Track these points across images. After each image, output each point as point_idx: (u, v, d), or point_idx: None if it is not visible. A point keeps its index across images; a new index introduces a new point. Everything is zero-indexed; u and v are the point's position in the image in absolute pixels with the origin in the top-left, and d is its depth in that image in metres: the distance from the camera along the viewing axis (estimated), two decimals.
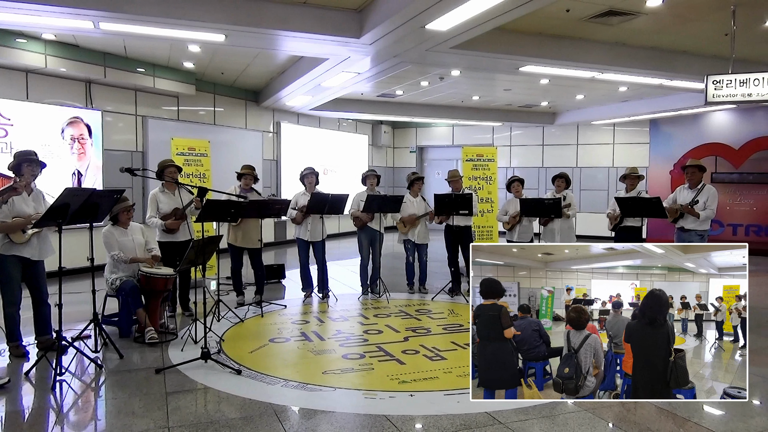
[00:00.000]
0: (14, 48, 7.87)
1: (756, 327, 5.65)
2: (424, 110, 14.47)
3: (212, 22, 6.30)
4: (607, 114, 13.81)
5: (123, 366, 4.68)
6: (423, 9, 5.73)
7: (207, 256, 5.21)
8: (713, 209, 6.18)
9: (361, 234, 7.59)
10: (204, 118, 11.62)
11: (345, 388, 4.22)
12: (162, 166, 6.02)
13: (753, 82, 6.80)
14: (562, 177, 7.46)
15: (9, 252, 4.67)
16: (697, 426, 3.55)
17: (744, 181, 12.66)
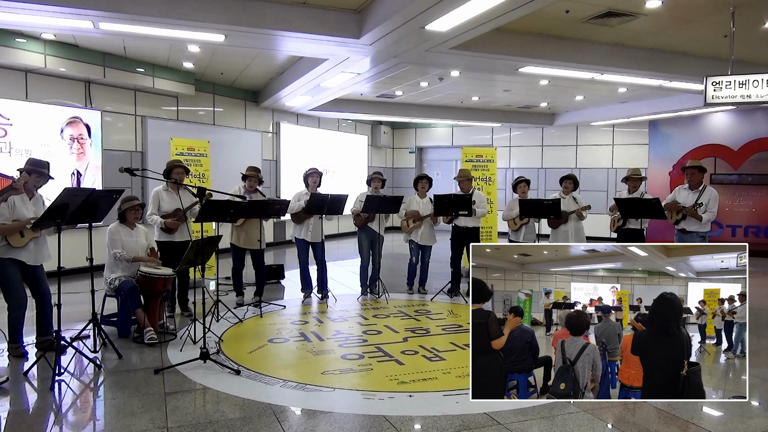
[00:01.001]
0: (14, 48, 7.87)
1: (756, 328, 5.65)
2: (423, 111, 14.47)
3: (212, 22, 6.30)
4: (606, 115, 13.82)
5: (122, 366, 4.68)
6: (422, 9, 5.73)
7: (206, 257, 5.21)
8: (714, 212, 6.20)
9: (362, 235, 7.59)
10: (203, 118, 11.62)
11: (344, 388, 4.22)
12: (170, 165, 6.05)
13: (752, 83, 6.81)
14: (570, 178, 7.42)
15: (6, 255, 4.67)
16: (696, 427, 3.55)
17: (743, 182, 12.67)
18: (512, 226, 7.61)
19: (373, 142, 17.09)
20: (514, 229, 7.60)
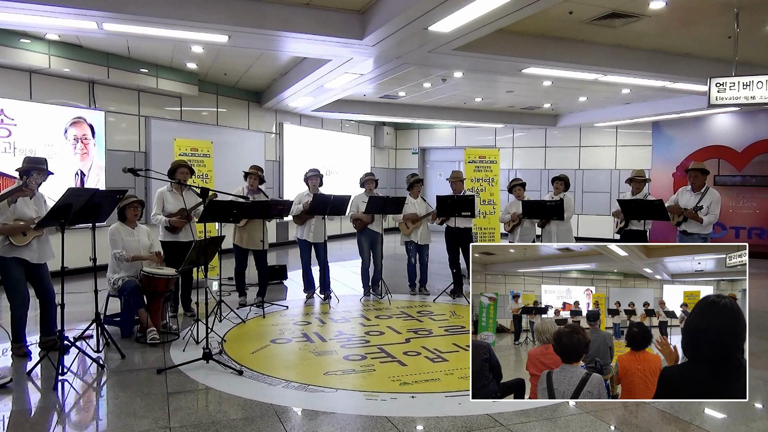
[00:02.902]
0: (18, 48, 7.90)
1: (757, 330, 5.64)
2: (426, 112, 14.46)
3: (215, 23, 6.31)
4: (609, 116, 13.80)
5: (124, 366, 4.69)
6: (426, 11, 5.73)
7: (209, 257, 5.22)
8: (716, 214, 6.19)
9: (361, 236, 7.60)
10: (207, 118, 11.64)
11: (346, 389, 4.22)
12: (175, 165, 6.07)
13: (756, 85, 6.79)
14: (561, 179, 7.46)
15: (9, 254, 4.68)
16: (699, 429, 3.54)
17: (746, 184, 12.64)
18: (506, 227, 7.75)
19: (376, 143, 17.09)
20: (508, 230, 7.72)
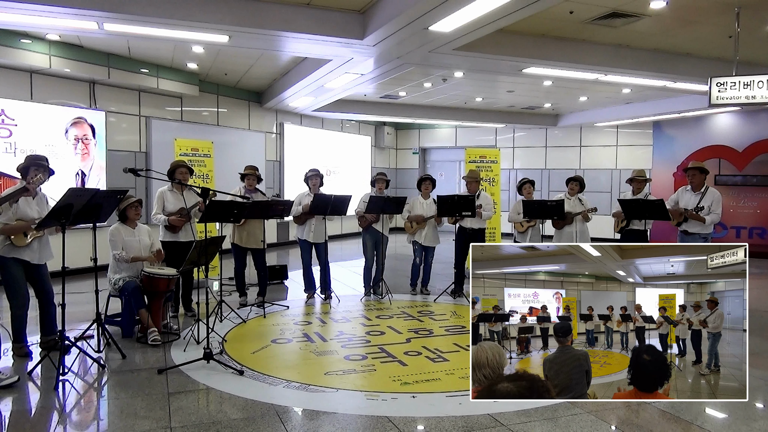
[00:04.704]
0: (18, 48, 7.90)
1: (758, 330, 5.64)
2: (427, 112, 14.47)
3: (216, 23, 6.32)
4: (610, 116, 13.80)
5: (125, 366, 4.69)
6: (426, 11, 5.73)
7: (209, 257, 5.22)
8: (718, 213, 6.17)
9: (366, 235, 7.60)
10: (207, 119, 11.65)
11: (347, 389, 4.22)
12: (174, 166, 6.08)
13: (757, 85, 6.78)
14: (576, 180, 7.37)
15: (9, 254, 4.69)
16: (700, 429, 3.54)
17: (747, 184, 12.63)
18: (519, 228, 7.59)
19: (376, 142, 17.09)
20: (520, 231, 7.58)
